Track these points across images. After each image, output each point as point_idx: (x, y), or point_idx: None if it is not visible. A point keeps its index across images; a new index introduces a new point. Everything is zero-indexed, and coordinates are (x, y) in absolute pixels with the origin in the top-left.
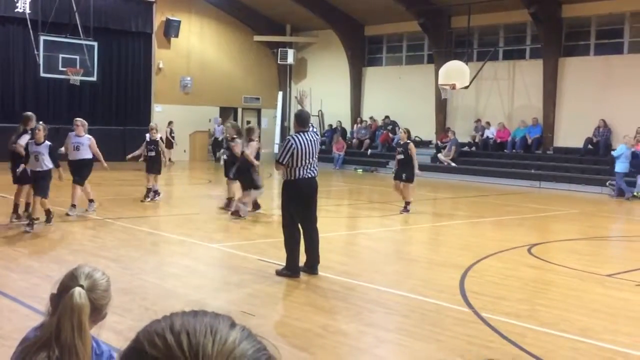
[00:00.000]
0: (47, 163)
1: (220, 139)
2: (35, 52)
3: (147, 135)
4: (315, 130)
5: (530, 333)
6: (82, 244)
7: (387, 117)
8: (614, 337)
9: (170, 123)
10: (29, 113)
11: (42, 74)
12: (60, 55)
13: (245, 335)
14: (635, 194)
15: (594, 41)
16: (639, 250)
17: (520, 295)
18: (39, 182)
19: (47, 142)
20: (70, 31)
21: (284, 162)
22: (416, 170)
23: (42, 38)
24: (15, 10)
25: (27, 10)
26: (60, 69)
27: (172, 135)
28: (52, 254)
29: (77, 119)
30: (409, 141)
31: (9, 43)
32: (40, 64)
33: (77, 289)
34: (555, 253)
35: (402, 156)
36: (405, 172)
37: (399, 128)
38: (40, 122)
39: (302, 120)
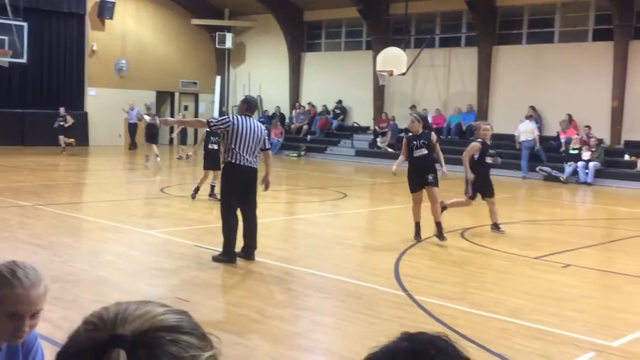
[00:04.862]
0: None
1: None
2: None
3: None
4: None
5: (461, 314)
6: (11, 230)
7: (340, 101)
8: (540, 317)
9: (148, 108)
10: None
11: None
12: None
13: (177, 312)
14: (561, 179)
15: (526, 30)
16: (566, 233)
17: (454, 278)
18: None
19: None
20: None
21: (211, 126)
22: (444, 169)
23: None
24: None
25: None
26: None
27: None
28: None
29: None
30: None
31: None
32: None
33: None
34: (486, 237)
35: (426, 151)
36: (432, 173)
37: (341, 114)
38: None
39: (250, 104)
